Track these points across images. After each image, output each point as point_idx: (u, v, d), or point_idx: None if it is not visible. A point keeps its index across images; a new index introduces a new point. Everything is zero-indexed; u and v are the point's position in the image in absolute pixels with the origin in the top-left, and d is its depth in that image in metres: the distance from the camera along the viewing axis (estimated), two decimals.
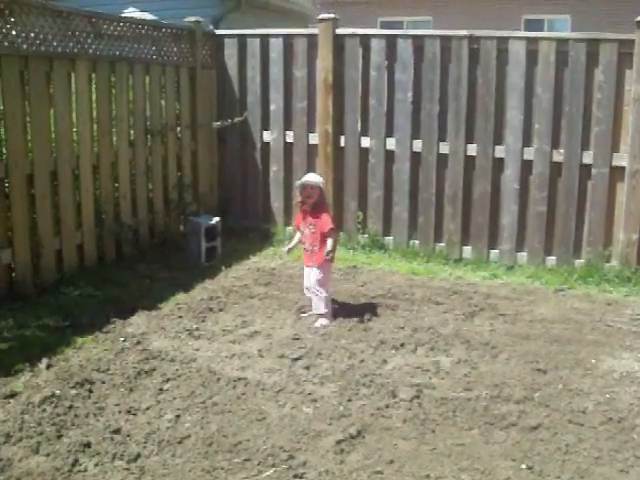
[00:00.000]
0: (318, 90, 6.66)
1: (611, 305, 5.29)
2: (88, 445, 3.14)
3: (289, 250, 4.96)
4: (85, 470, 2.98)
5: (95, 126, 5.61)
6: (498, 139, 6.16)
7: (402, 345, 4.35)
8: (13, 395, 3.57)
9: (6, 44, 4.66)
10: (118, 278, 5.44)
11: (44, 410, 3.42)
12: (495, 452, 3.18)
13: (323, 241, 4.72)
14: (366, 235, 6.67)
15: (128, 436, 3.24)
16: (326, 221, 4.71)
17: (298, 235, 4.95)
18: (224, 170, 7.21)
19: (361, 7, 17.19)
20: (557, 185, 6.05)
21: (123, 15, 6.48)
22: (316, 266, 4.75)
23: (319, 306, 4.75)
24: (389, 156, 6.52)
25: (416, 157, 6.42)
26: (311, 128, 6.78)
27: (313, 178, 4.80)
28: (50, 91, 5.14)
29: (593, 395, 3.76)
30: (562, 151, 5.98)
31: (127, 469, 2.99)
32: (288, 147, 6.89)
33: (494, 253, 6.31)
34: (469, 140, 6.23)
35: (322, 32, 6.56)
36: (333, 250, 4.71)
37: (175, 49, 6.51)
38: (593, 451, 3.21)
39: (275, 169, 6.98)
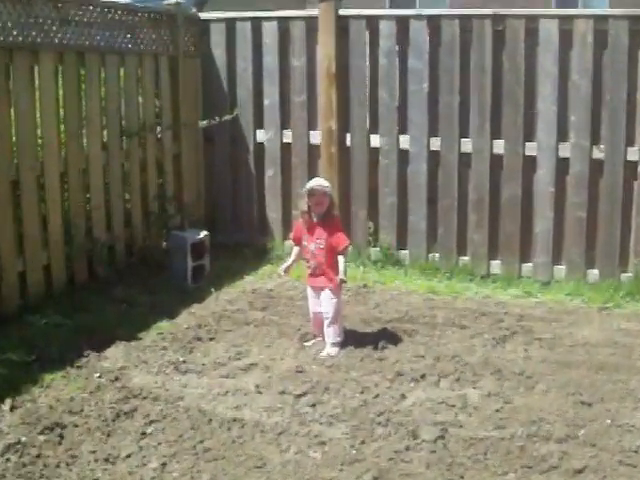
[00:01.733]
0: (319, 81, 6.70)
1: None
2: None
3: (287, 269, 4.95)
4: None
5: (62, 127, 5.64)
6: (529, 134, 6.18)
7: (423, 377, 4.36)
8: None
9: None
10: (91, 304, 5.45)
11: (8, 460, 3.43)
12: None
13: (332, 258, 4.74)
14: (378, 248, 6.68)
15: None
16: (341, 236, 4.75)
17: (296, 250, 4.96)
18: (212, 176, 7.24)
19: None
20: (598, 186, 6.07)
21: None
22: (329, 288, 4.77)
23: (332, 334, 4.77)
24: (403, 156, 6.54)
25: (434, 157, 6.45)
26: (312, 125, 6.81)
27: (323, 183, 4.81)
28: (10, 87, 5.17)
29: None
30: (603, 147, 6.00)
31: None
32: (286, 148, 6.92)
33: (527, 267, 6.32)
34: (495, 136, 6.25)
35: (323, 14, 6.59)
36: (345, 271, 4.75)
37: (153, 36, 6.53)
38: None
39: (271, 174, 7.01)
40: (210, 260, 6.33)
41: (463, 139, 6.35)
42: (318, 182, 4.82)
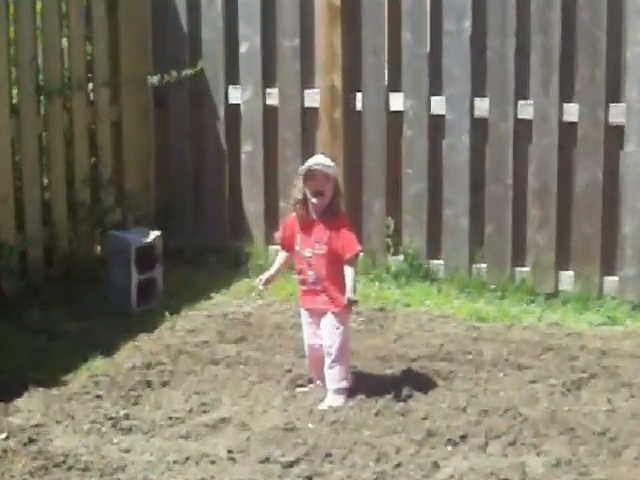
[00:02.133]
0: (318, 19, 6.72)
1: None
2: None
3: (267, 281, 4.96)
4: None
5: None
6: (613, 94, 6.19)
7: (463, 438, 4.36)
8: None
9: None
10: None
11: None
12: None
13: (336, 270, 4.75)
14: (400, 256, 6.70)
15: None
16: (349, 239, 4.76)
17: (282, 256, 4.98)
18: (166, 153, 7.25)
19: None
20: None
21: None
22: (332, 312, 4.80)
23: (336, 377, 4.78)
24: (436, 125, 6.56)
25: (480, 126, 6.47)
26: (308, 81, 6.83)
27: (326, 162, 4.79)
28: None
29: None
30: None
31: None
32: (270, 112, 6.94)
33: (611, 282, 6.33)
34: (566, 97, 6.27)
35: None
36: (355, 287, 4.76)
37: None
38: None
39: (249, 149, 7.02)
40: (163, 272, 6.34)
41: (521, 101, 6.36)
42: (318, 160, 4.81)
